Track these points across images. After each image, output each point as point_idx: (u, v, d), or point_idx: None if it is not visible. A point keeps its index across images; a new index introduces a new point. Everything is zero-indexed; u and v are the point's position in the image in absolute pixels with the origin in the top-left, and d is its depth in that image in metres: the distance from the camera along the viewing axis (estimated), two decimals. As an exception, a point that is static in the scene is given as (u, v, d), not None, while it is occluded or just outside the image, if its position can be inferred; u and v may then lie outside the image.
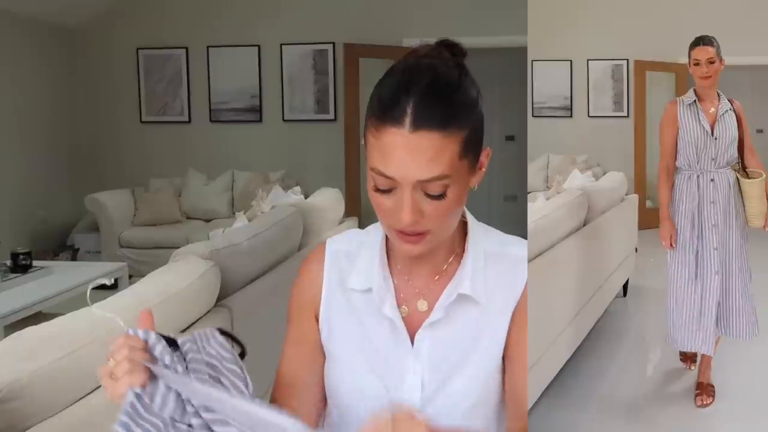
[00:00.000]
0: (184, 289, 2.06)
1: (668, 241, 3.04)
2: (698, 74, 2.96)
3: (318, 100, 6.91)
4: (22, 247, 4.11)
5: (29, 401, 1.39)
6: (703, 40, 2.96)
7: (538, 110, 7.86)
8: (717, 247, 2.98)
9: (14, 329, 1.63)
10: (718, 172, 2.99)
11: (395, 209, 1.00)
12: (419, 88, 0.97)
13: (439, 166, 0.96)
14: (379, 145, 0.97)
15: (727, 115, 2.99)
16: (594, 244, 3.80)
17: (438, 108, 0.96)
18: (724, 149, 2.97)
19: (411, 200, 0.98)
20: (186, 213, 6.54)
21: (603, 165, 7.13)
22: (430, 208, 0.99)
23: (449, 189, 0.99)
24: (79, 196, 6.38)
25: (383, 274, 1.12)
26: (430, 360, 1.09)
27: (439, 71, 1.00)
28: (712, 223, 2.98)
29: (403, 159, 0.96)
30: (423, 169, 0.96)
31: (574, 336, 3.48)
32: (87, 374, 1.57)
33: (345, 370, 1.13)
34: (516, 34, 5.99)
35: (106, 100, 7.22)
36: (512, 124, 8.11)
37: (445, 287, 1.11)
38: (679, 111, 3.03)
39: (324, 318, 1.16)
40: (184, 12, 7.04)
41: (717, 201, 2.98)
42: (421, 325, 1.10)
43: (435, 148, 0.95)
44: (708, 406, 3.11)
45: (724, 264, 2.99)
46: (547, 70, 7.71)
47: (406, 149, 0.95)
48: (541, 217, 3.17)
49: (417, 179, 0.96)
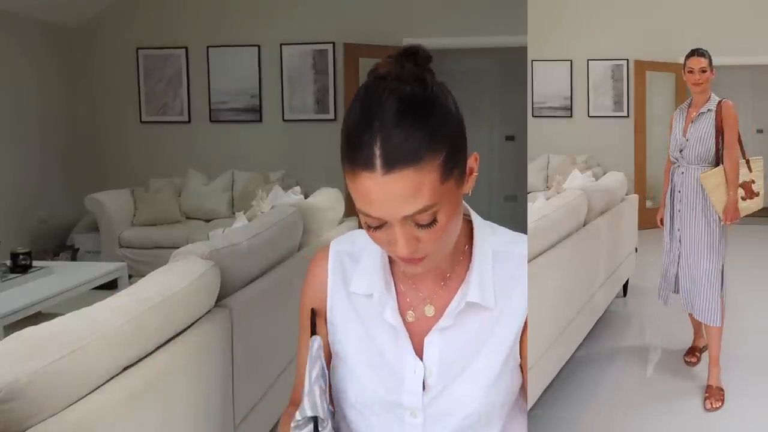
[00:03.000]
0: (184, 289, 2.06)
1: (658, 220, 3.59)
2: (690, 81, 3.35)
3: (318, 100, 6.91)
4: (22, 247, 4.11)
5: (29, 401, 1.39)
6: (697, 51, 3.34)
7: (538, 110, 7.85)
8: (680, 228, 3.43)
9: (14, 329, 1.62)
10: (688, 167, 3.37)
11: (391, 242, 0.99)
12: (384, 124, 0.93)
13: (421, 200, 0.94)
14: (356, 188, 0.96)
15: (703, 117, 3.33)
16: (594, 244, 3.80)
17: (407, 142, 0.92)
18: (690, 147, 3.35)
19: (403, 232, 0.97)
20: (186, 213, 6.53)
21: (603, 165, 7.12)
22: (424, 235, 0.98)
23: (439, 214, 0.97)
24: (79, 196, 6.38)
25: (385, 280, 1.12)
26: (439, 363, 1.09)
27: (403, 96, 0.95)
28: (677, 209, 3.44)
29: (382, 201, 0.94)
30: (405, 207, 0.94)
31: (574, 336, 3.48)
32: (87, 374, 1.57)
33: (349, 370, 1.13)
34: (516, 34, 5.98)
35: (106, 100, 7.21)
36: (512, 124, 8.11)
37: (452, 291, 1.10)
38: (675, 114, 3.50)
39: (329, 319, 1.16)
40: (184, 12, 7.04)
41: (683, 191, 3.40)
42: (428, 329, 1.10)
43: (411, 185, 0.93)
44: (717, 410, 3.11)
45: (690, 246, 3.38)
46: (547, 70, 7.71)
47: (383, 192, 0.93)
48: (541, 217, 3.16)
49: (402, 216, 0.95)
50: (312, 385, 0.95)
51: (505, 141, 8.18)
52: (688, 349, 3.68)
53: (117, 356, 1.69)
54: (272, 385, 2.74)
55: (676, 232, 3.45)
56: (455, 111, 0.99)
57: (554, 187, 4.40)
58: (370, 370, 1.12)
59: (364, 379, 1.12)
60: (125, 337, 1.72)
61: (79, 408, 1.51)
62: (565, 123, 7.78)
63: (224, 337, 2.28)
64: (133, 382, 1.71)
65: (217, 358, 2.23)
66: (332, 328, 1.16)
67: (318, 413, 0.92)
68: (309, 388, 0.94)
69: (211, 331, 2.19)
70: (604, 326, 4.10)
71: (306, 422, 0.93)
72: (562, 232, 3.33)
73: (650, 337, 4.11)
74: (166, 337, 1.93)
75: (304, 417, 0.93)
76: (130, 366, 1.74)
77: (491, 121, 8.13)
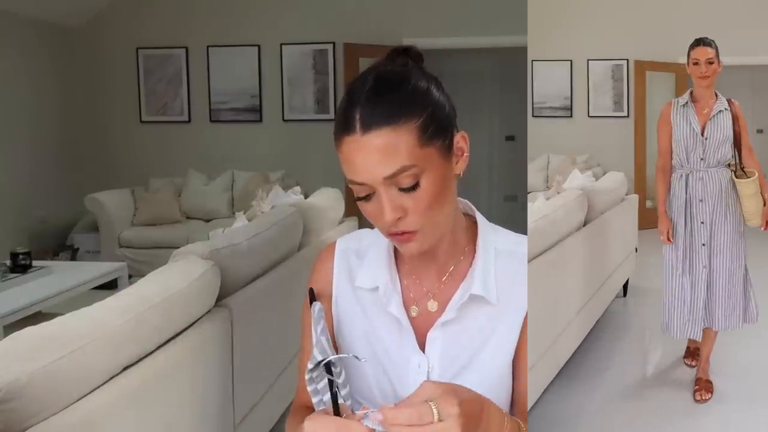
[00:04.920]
0: (184, 289, 2.06)
1: (665, 236, 3.16)
2: (696, 74, 3.04)
3: (318, 100, 6.91)
4: (22, 247, 4.10)
5: (29, 401, 1.39)
6: (703, 41, 3.03)
7: (538, 110, 7.85)
8: (705, 243, 3.10)
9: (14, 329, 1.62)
10: (708, 171, 3.07)
11: (379, 212, 1.02)
12: (362, 95, 1.01)
13: (397, 158, 0.98)
14: (342, 156, 1.02)
15: (721, 116, 3.06)
16: (594, 244, 3.80)
17: (381, 106, 0.99)
18: (713, 149, 3.05)
19: (387, 198, 1.00)
20: (186, 213, 6.53)
21: (603, 165, 7.12)
22: (409, 202, 1.01)
23: (421, 179, 1.00)
24: (78, 196, 6.37)
25: (390, 274, 1.14)
26: (440, 359, 1.10)
27: (380, 72, 1.04)
28: (700, 220, 3.10)
29: (362, 162, 0.99)
30: (383, 166, 0.98)
31: (574, 336, 3.48)
32: (87, 374, 1.57)
33: (354, 365, 1.13)
34: (516, 34, 5.98)
35: (106, 100, 7.22)
36: (512, 124, 8.11)
37: (454, 287, 1.12)
38: (672, 112, 3.13)
39: (334, 314, 1.18)
40: (184, 12, 7.04)
41: (705, 199, 3.08)
42: (431, 323, 1.11)
43: (387, 143, 0.98)
44: (707, 401, 3.14)
45: (722, 262, 3.11)
46: (547, 70, 7.71)
47: (362, 152, 0.99)
48: (541, 217, 3.16)
49: (382, 176, 0.99)
50: (319, 336, 0.96)
51: (505, 141, 8.18)
52: (687, 350, 3.67)
53: (117, 356, 1.69)
54: (272, 385, 2.74)
55: (699, 250, 3.11)
56: (436, 92, 1.05)
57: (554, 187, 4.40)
58: (375, 365, 1.13)
59: (369, 373, 1.13)
60: (125, 337, 1.72)
61: (79, 408, 1.51)
62: (565, 123, 7.78)
63: (224, 337, 2.28)
64: (133, 382, 1.71)
65: (217, 358, 2.23)
66: (338, 323, 1.17)
67: (328, 356, 0.93)
68: (316, 339, 0.96)
69: (211, 331, 2.19)
70: (604, 326, 4.10)
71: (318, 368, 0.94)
72: (562, 232, 3.33)
73: (650, 337, 4.11)
74: (165, 336, 1.93)
75: (315, 363, 0.94)
76: (129, 366, 1.74)
77: (491, 121, 8.13)
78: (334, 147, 1.04)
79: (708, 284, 3.13)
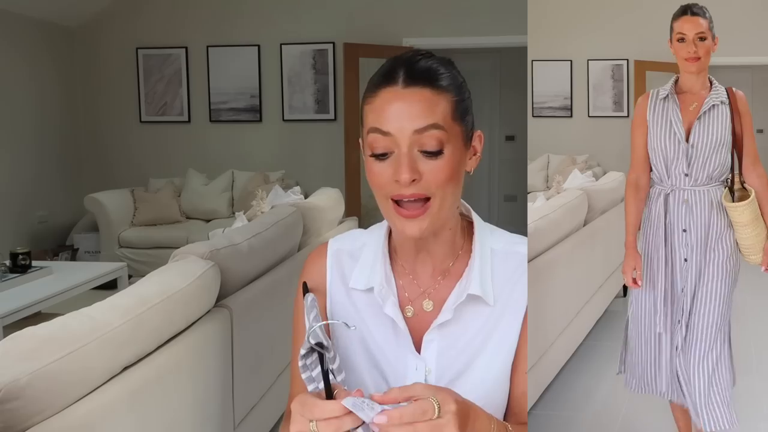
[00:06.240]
0: (184, 289, 2.06)
1: (629, 277, 2.24)
2: (683, 54, 2.17)
3: (318, 100, 6.91)
4: (22, 247, 4.10)
5: (28, 401, 1.39)
6: (691, 8, 2.20)
7: (538, 110, 7.85)
8: (683, 288, 2.20)
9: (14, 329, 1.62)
10: (695, 191, 2.16)
11: (393, 174, 1.01)
12: (408, 60, 1.06)
13: (433, 116, 1.01)
14: (374, 107, 1.03)
15: (714, 112, 2.16)
16: (594, 244, 3.80)
17: (427, 71, 1.04)
18: (702, 160, 2.15)
19: (408, 157, 1.00)
20: (186, 213, 6.53)
21: (603, 165, 7.12)
22: (427, 168, 1.01)
23: (446, 147, 1.01)
24: (78, 196, 6.38)
25: (385, 274, 1.12)
26: (437, 361, 1.09)
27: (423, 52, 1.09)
28: (681, 256, 2.20)
29: (396, 111, 1.01)
30: (417, 119, 1.00)
31: (574, 336, 3.48)
32: (87, 374, 1.57)
33: (348, 367, 1.13)
34: (516, 34, 5.99)
35: (106, 100, 7.21)
36: (512, 124, 8.12)
37: (450, 287, 1.11)
38: (648, 108, 2.23)
39: (328, 316, 1.17)
40: (184, 12, 7.03)
41: (690, 229, 2.18)
42: (427, 324, 1.10)
43: (427, 101, 1.01)
44: None
45: (705, 314, 2.17)
46: (547, 70, 7.71)
47: (399, 102, 1.01)
48: (541, 217, 3.16)
49: (413, 129, 1.00)
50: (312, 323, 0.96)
51: (505, 141, 8.19)
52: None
53: (117, 356, 1.69)
54: (272, 385, 2.74)
55: (678, 296, 2.20)
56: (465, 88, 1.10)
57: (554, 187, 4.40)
58: (372, 367, 1.12)
59: (366, 376, 1.12)
60: (125, 337, 1.72)
61: (79, 408, 1.51)
62: (565, 123, 7.78)
63: (224, 337, 2.28)
64: (133, 382, 1.71)
65: (217, 358, 2.23)
66: (332, 326, 1.16)
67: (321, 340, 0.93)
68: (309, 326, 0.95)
69: (211, 331, 2.19)
70: (604, 326, 4.10)
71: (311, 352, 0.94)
72: (562, 232, 3.33)
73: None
74: (166, 337, 1.93)
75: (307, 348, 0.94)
76: (130, 366, 1.74)
77: (491, 121, 8.13)
78: (364, 104, 1.06)
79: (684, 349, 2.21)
